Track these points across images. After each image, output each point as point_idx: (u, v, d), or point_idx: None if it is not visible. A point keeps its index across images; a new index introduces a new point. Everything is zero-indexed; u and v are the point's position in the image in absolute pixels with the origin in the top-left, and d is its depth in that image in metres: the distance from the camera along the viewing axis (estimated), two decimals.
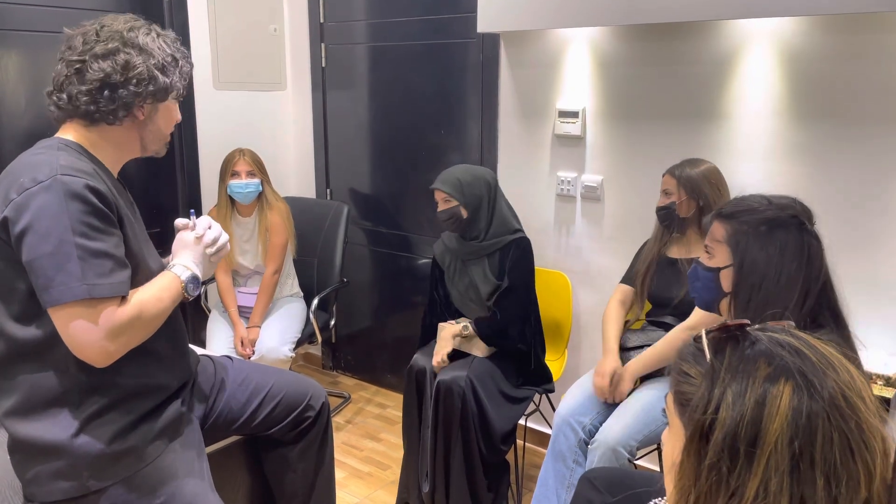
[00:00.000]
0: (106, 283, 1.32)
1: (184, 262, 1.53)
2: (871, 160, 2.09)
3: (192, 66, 1.57)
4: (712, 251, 1.51)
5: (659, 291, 2.27)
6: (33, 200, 1.30)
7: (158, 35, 1.49)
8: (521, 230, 2.44)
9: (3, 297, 1.38)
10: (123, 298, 1.36)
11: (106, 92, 1.40)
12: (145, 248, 1.51)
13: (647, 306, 2.34)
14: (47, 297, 1.30)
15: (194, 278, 1.51)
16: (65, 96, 1.42)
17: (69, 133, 1.45)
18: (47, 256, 1.29)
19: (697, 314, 2.10)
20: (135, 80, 1.41)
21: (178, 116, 1.58)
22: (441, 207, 2.38)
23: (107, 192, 1.36)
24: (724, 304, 1.50)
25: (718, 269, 1.48)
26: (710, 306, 1.55)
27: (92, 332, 1.31)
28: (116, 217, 1.39)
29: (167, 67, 1.47)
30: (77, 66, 1.40)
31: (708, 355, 0.83)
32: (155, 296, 1.42)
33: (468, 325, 2.38)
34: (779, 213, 1.43)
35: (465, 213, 2.36)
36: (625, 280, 2.39)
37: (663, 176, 2.22)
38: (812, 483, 0.75)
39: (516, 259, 2.38)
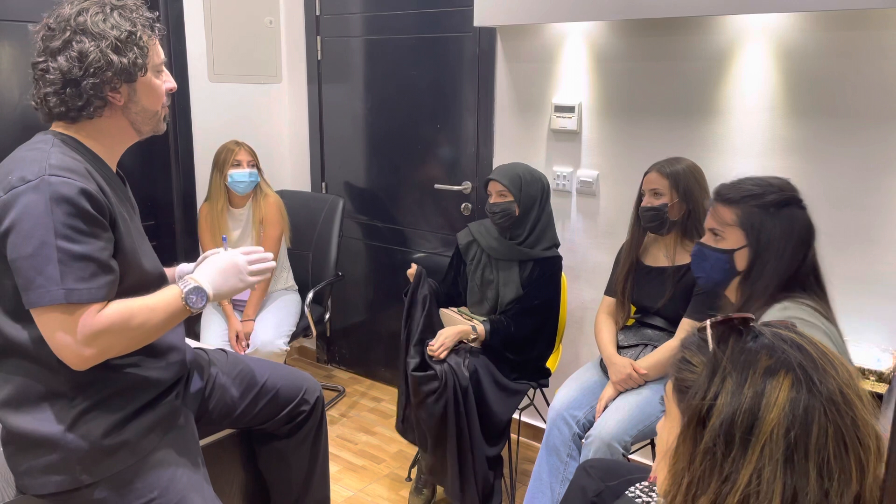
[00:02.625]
0: (84, 287, 1.30)
1: (195, 275, 1.48)
2: (866, 157, 2.10)
3: (158, 29, 1.48)
4: (721, 234, 1.60)
5: (640, 300, 2.27)
6: (19, 200, 1.28)
7: (113, 9, 1.40)
8: (558, 246, 2.46)
9: None
10: (107, 304, 1.34)
11: (69, 89, 1.36)
12: (140, 245, 1.50)
13: (632, 309, 2.33)
14: (27, 298, 1.29)
15: (197, 290, 1.44)
16: (38, 100, 1.39)
17: (64, 125, 1.43)
18: (28, 258, 1.27)
19: (684, 328, 2.10)
20: (92, 70, 1.35)
21: (171, 84, 1.51)
22: (494, 200, 2.38)
23: (97, 192, 1.34)
24: (735, 282, 1.60)
25: (733, 251, 1.58)
26: (719, 286, 1.64)
27: (67, 336, 1.30)
28: (108, 218, 1.36)
29: (122, 46, 1.37)
30: (41, 66, 1.38)
31: (711, 345, 0.84)
32: (147, 305, 1.39)
33: (478, 328, 2.35)
34: (782, 193, 1.55)
35: (517, 211, 2.36)
36: (608, 292, 2.37)
37: (647, 174, 2.18)
38: (805, 474, 0.76)
39: (549, 277, 2.39)
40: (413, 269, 2.42)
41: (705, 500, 0.79)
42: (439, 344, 2.30)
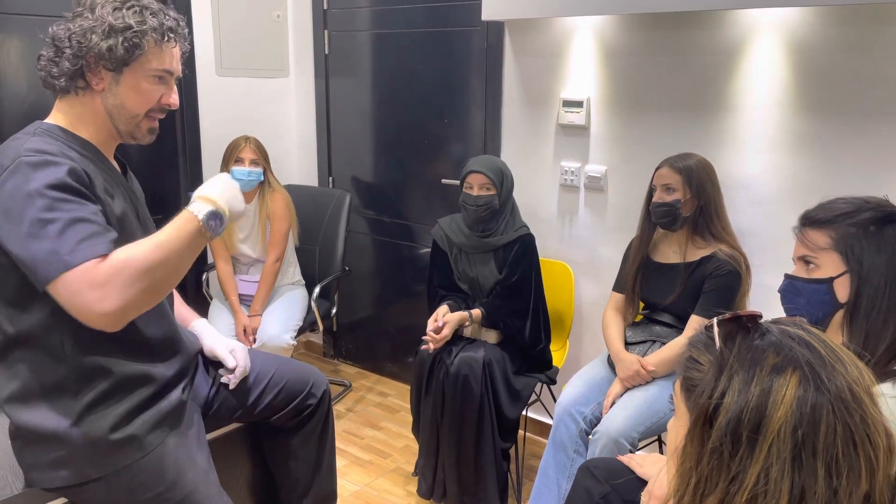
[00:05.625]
0: (83, 247, 1.26)
1: (204, 192, 1.40)
2: (877, 153, 2.07)
3: (173, 39, 1.45)
4: (815, 261, 1.36)
5: (649, 296, 2.26)
6: (3, 188, 1.28)
7: (132, 7, 1.40)
8: (526, 226, 2.45)
9: None
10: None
11: (53, 54, 1.39)
12: (140, 234, 1.50)
13: (640, 305, 2.33)
14: (37, 279, 1.27)
15: (214, 215, 1.37)
16: (38, 63, 1.43)
17: (54, 112, 1.44)
18: (24, 238, 1.26)
19: (693, 326, 2.09)
20: (74, 43, 1.37)
21: (170, 100, 1.49)
22: (477, 192, 2.37)
23: (77, 168, 1.32)
24: (839, 316, 1.35)
25: (832, 279, 1.34)
26: (820, 322, 1.37)
27: (80, 295, 1.25)
28: (93, 193, 1.35)
29: (112, 33, 1.37)
30: (50, 34, 1.41)
31: (718, 343, 0.84)
32: (154, 241, 1.32)
33: (473, 313, 2.38)
34: (881, 210, 1.34)
35: (496, 204, 2.37)
36: (616, 287, 2.36)
37: (658, 169, 2.16)
38: (813, 473, 0.76)
39: (521, 255, 2.39)
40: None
41: (713, 500, 0.79)
42: (442, 332, 2.32)
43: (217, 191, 1.41)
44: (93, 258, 1.25)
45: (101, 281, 1.24)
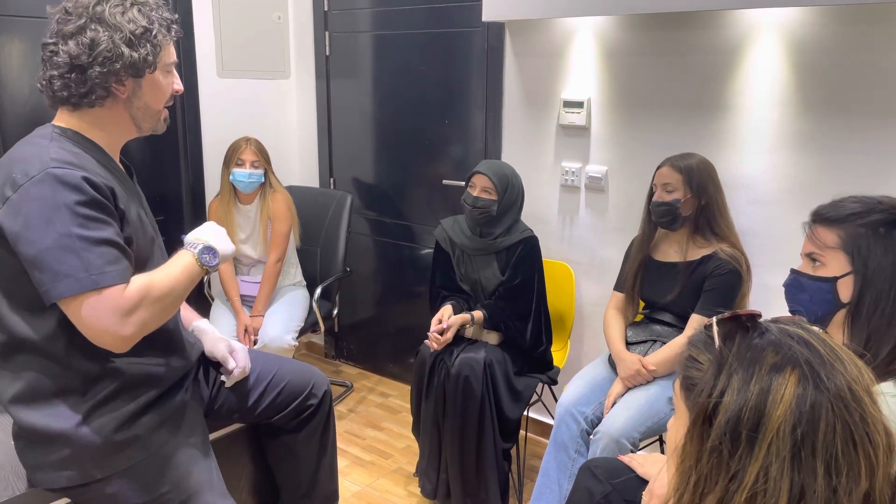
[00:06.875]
0: (111, 270, 1.30)
1: (196, 234, 1.52)
2: (878, 152, 2.08)
3: (175, 31, 1.48)
4: (822, 259, 1.37)
5: (650, 295, 2.26)
6: (27, 196, 1.28)
7: (133, 4, 1.40)
8: (529, 229, 2.45)
9: (3, 290, 1.37)
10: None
11: (74, 74, 1.36)
12: (155, 246, 1.52)
13: (641, 304, 2.33)
14: (55, 290, 1.27)
15: (208, 249, 1.49)
16: (44, 81, 1.40)
17: (63, 118, 1.43)
18: (48, 250, 1.27)
19: (693, 325, 2.09)
20: (101, 59, 1.35)
21: (178, 87, 1.52)
22: (477, 194, 2.37)
23: (101, 183, 1.34)
24: (840, 316, 1.36)
25: (836, 278, 1.35)
26: (822, 320, 1.39)
27: (104, 318, 1.30)
28: (114, 206, 1.37)
29: (136, 41, 1.38)
30: (51, 48, 1.38)
31: (717, 342, 0.84)
32: (165, 272, 1.42)
33: (475, 315, 2.39)
34: (892, 211, 1.33)
35: (495, 211, 2.36)
36: (617, 287, 2.36)
37: (659, 168, 2.17)
38: (812, 471, 0.76)
39: (524, 257, 2.39)
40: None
41: (713, 498, 0.79)
42: (444, 335, 2.32)
43: (205, 233, 1.53)
44: (121, 283, 1.32)
45: (127, 307, 1.32)
